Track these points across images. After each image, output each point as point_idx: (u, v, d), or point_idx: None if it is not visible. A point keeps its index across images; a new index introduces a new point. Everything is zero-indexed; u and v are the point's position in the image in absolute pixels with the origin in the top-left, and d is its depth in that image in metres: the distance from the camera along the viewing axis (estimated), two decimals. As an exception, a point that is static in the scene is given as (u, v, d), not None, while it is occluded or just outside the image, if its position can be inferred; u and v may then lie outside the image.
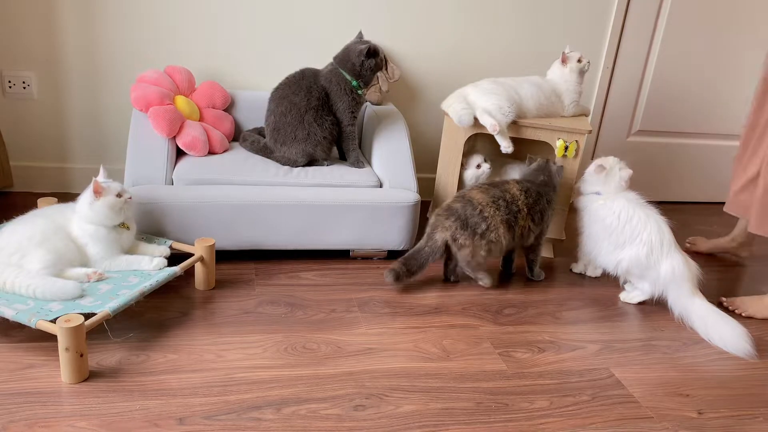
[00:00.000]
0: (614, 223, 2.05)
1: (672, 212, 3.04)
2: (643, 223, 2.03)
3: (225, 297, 1.89)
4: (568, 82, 2.31)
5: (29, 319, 1.46)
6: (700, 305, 1.97)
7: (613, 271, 2.10)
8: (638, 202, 2.09)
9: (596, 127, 2.94)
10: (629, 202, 2.07)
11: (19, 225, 1.72)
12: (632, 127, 2.99)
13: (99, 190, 1.70)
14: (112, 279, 1.72)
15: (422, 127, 2.74)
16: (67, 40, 2.32)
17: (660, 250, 2.00)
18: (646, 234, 2.01)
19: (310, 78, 2.19)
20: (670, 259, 2.00)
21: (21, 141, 2.41)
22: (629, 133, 3.00)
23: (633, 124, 2.98)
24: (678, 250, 2.03)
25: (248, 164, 2.16)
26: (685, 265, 2.00)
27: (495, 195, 2.01)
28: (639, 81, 2.89)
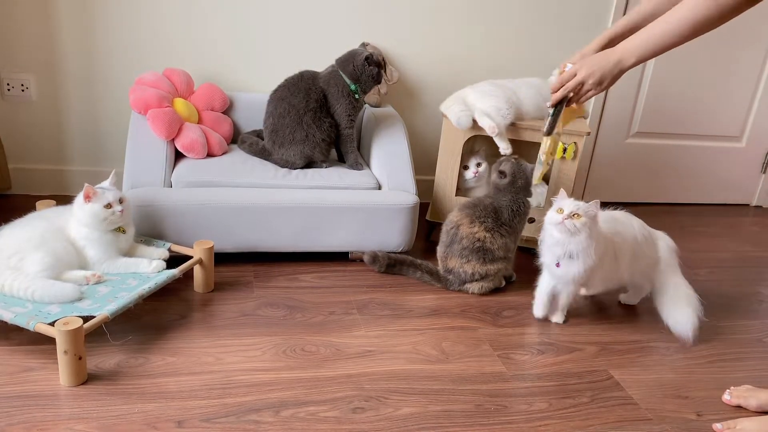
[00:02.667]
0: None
1: (670, 214, 3.07)
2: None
3: (224, 299, 1.89)
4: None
5: (27, 322, 1.45)
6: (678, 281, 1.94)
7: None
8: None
9: (595, 129, 2.94)
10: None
11: (17, 228, 1.72)
12: (631, 128, 2.99)
13: (89, 195, 1.70)
14: (111, 281, 1.72)
15: (421, 129, 2.74)
16: (65, 43, 2.32)
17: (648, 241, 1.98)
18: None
19: (309, 80, 2.19)
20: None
21: (19, 143, 2.41)
22: (628, 134, 3.00)
23: (631, 126, 2.99)
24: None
25: (247, 166, 2.16)
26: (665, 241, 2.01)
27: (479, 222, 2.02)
28: (638, 82, 2.90)
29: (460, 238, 2.00)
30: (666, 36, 1.37)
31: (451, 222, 2.06)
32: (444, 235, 2.08)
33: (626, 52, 1.47)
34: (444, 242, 2.07)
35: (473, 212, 2.03)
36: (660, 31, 1.39)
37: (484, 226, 2.00)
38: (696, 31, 1.34)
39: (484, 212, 2.02)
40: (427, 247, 2.39)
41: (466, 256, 2.01)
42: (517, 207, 2.03)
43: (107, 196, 1.72)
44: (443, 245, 2.07)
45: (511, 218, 2.02)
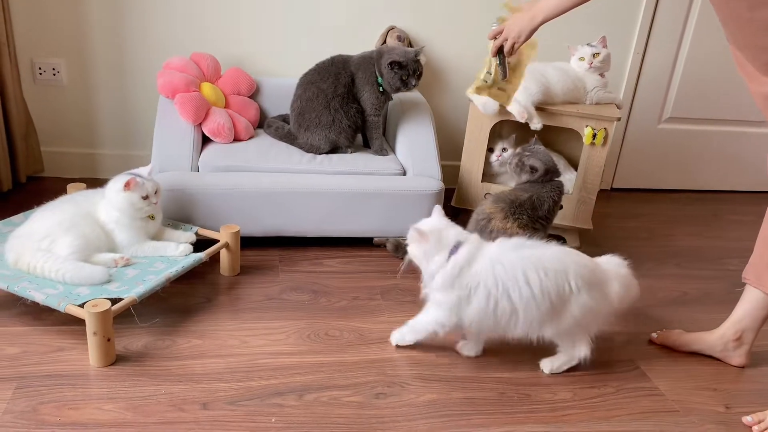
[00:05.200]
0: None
1: (702, 202, 3.00)
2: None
3: (250, 283, 1.91)
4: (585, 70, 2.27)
5: (58, 303, 1.48)
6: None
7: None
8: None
9: (625, 115, 2.88)
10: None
11: (48, 211, 1.76)
12: (663, 114, 2.92)
13: (131, 186, 1.72)
14: (139, 264, 1.74)
15: (448, 114, 2.71)
16: (95, 28, 2.34)
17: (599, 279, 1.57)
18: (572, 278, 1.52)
19: (340, 65, 2.18)
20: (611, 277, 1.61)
21: (51, 127, 2.46)
22: (660, 120, 2.93)
23: (664, 111, 2.92)
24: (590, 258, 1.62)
25: (273, 151, 2.17)
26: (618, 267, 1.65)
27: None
28: (671, 66, 2.82)
29: (490, 230, 1.97)
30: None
31: (483, 213, 2.01)
32: (473, 224, 2.05)
33: (538, 11, 1.74)
34: (471, 231, 2.04)
35: (509, 208, 1.97)
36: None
37: (518, 222, 1.95)
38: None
39: (521, 208, 1.95)
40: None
41: None
42: (558, 196, 2.00)
43: (147, 188, 1.75)
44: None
45: (551, 209, 1.99)
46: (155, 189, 1.79)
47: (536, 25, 1.76)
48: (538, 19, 1.75)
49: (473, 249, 1.52)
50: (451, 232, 1.56)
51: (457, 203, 2.38)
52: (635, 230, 2.60)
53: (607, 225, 2.61)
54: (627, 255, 2.28)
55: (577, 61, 2.31)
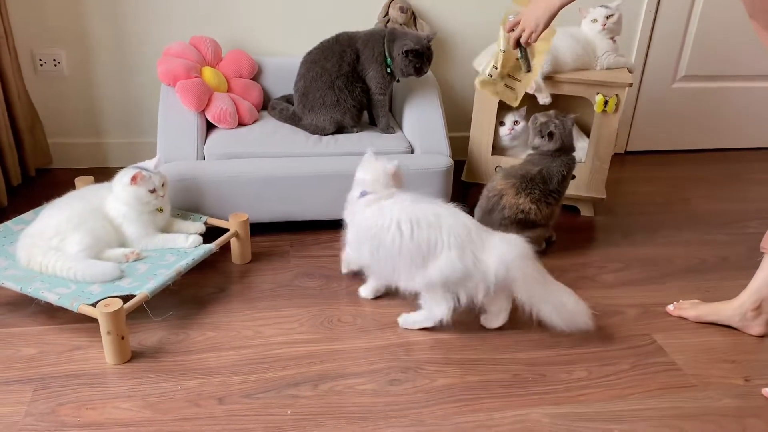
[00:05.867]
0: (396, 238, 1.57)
1: (721, 162, 2.93)
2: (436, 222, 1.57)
3: (261, 270, 1.91)
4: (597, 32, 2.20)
5: (71, 303, 1.49)
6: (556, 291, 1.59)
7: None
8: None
9: (638, 75, 2.80)
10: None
11: (56, 208, 1.76)
12: (677, 72, 2.84)
13: (137, 180, 1.71)
14: (150, 258, 1.74)
15: (455, 84, 2.65)
16: (94, 17, 2.31)
17: (473, 241, 1.56)
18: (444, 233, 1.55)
19: (344, 42, 2.13)
20: (490, 247, 1.56)
21: (56, 118, 2.44)
22: (674, 79, 2.85)
23: (678, 70, 2.83)
24: (489, 231, 1.60)
25: (278, 135, 2.14)
26: (509, 245, 1.57)
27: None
28: (685, 23, 2.72)
29: (502, 207, 1.94)
30: None
31: (494, 189, 1.99)
32: (484, 200, 2.02)
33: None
34: (483, 207, 2.02)
35: (520, 183, 1.94)
36: None
37: (530, 198, 1.93)
38: None
39: (532, 183, 1.93)
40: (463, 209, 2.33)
41: (505, 226, 1.96)
42: (568, 170, 1.96)
43: (153, 181, 1.73)
44: (481, 210, 2.02)
45: (561, 183, 1.95)
46: (162, 182, 1.78)
47: (554, 11, 1.70)
48: (556, 5, 1.69)
49: (375, 197, 1.64)
50: (368, 177, 1.68)
51: (467, 177, 2.35)
52: (651, 195, 2.55)
53: (621, 191, 2.56)
54: (643, 222, 2.30)
55: (590, 23, 2.23)
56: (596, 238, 2.20)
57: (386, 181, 1.68)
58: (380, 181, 1.67)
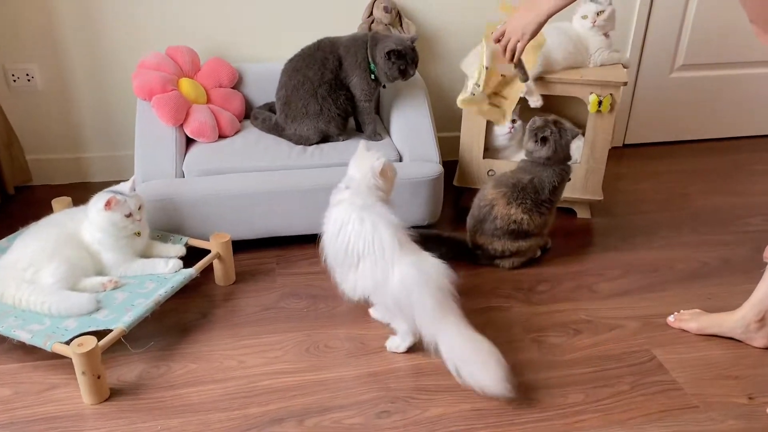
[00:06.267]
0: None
1: (723, 151, 2.84)
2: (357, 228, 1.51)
3: (245, 292, 1.85)
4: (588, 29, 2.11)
5: (45, 342, 1.44)
6: (448, 330, 1.46)
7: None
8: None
9: (635, 66, 2.70)
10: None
11: (30, 237, 1.70)
12: (675, 61, 2.74)
13: (111, 205, 1.64)
14: (128, 286, 1.68)
15: (443, 82, 2.56)
16: (65, 29, 2.22)
17: (385, 258, 1.48)
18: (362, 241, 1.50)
19: (326, 48, 2.05)
20: (398, 267, 1.48)
21: (34, 134, 2.37)
22: (672, 68, 2.75)
23: (676, 59, 2.73)
24: (413, 251, 1.51)
25: (260, 147, 2.07)
26: (418, 270, 1.47)
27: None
28: (682, 10, 2.62)
29: (494, 217, 1.88)
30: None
31: (485, 199, 1.92)
32: (475, 209, 1.96)
33: (541, 5, 1.59)
34: (475, 216, 1.95)
35: (511, 192, 1.87)
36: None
37: (522, 208, 1.85)
38: None
39: (523, 192, 1.86)
40: (456, 213, 2.27)
41: (498, 236, 1.89)
42: (560, 180, 1.88)
43: (129, 205, 1.66)
44: (473, 219, 1.96)
45: (552, 192, 1.88)
46: (138, 205, 1.70)
47: (542, 20, 1.61)
48: (544, 12, 1.59)
49: (344, 197, 1.58)
50: (356, 175, 1.61)
51: (459, 182, 2.27)
52: (650, 192, 2.47)
53: (619, 189, 2.48)
54: (642, 222, 2.23)
55: (580, 19, 2.14)
56: (593, 242, 2.13)
57: (372, 178, 1.59)
58: (366, 179, 1.59)
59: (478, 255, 1.96)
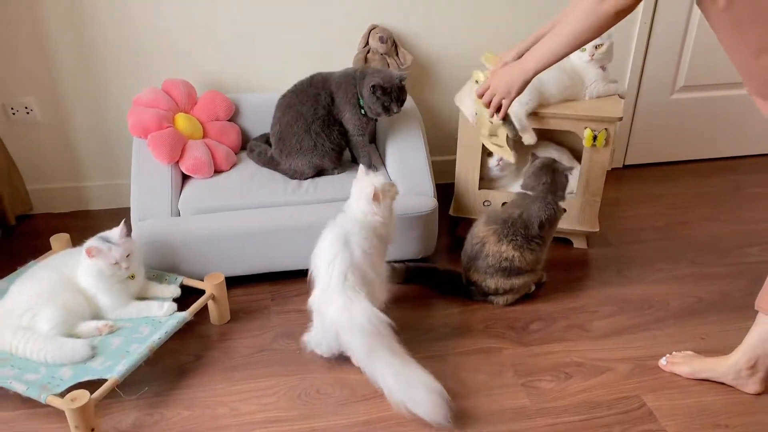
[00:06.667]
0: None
1: (723, 171, 2.82)
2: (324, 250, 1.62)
3: (239, 332, 1.86)
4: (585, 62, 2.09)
5: (39, 395, 1.46)
6: (380, 367, 1.53)
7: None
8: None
9: (635, 88, 2.68)
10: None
11: (27, 282, 1.72)
12: (676, 83, 2.72)
13: (91, 254, 1.66)
14: (123, 330, 1.70)
15: (439, 108, 2.56)
16: (62, 62, 2.23)
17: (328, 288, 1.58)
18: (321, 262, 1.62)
19: (319, 84, 2.06)
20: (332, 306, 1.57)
21: (34, 165, 2.39)
22: (673, 90, 2.73)
23: (677, 80, 2.71)
24: (349, 294, 1.55)
25: (255, 183, 2.08)
26: (345, 314, 1.54)
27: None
28: (683, 33, 2.59)
29: (486, 255, 1.88)
30: (556, 49, 1.51)
31: (476, 237, 1.92)
32: (468, 246, 1.96)
33: (526, 63, 1.59)
34: (467, 253, 1.96)
35: (501, 229, 1.87)
36: (551, 44, 1.51)
37: (512, 245, 1.86)
38: (580, 42, 1.47)
39: (513, 228, 1.86)
40: (453, 242, 2.28)
41: (491, 273, 1.89)
42: (548, 215, 1.88)
43: (113, 255, 1.67)
44: (466, 255, 1.96)
45: (541, 228, 1.88)
46: (126, 253, 1.70)
47: (528, 78, 1.61)
48: (530, 70, 1.58)
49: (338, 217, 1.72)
50: (352, 197, 1.73)
51: (455, 212, 2.28)
52: (649, 218, 2.45)
53: (618, 215, 2.47)
54: (639, 253, 2.22)
55: (578, 52, 2.12)
56: (589, 275, 2.13)
57: (366, 204, 1.68)
58: (360, 203, 1.70)
59: (472, 291, 1.97)
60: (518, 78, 1.61)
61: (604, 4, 1.36)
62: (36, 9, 2.13)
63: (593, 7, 1.38)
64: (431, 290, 2.03)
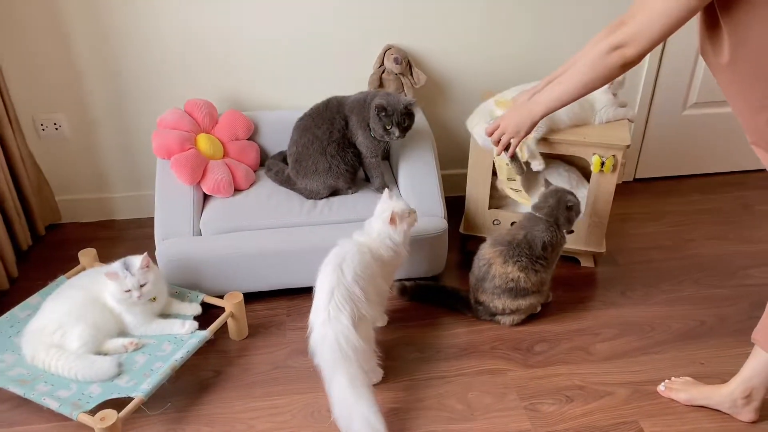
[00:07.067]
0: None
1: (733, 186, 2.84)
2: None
3: (257, 348, 1.96)
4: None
5: (71, 412, 1.57)
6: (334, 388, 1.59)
7: None
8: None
9: (647, 104, 2.72)
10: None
11: (57, 301, 1.83)
12: (688, 100, 2.74)
13: (112, 278, 1.76)
14: (148, 347, 1.81)
15: (453, 123, 2.61)
16: (89, 79, 2.33)
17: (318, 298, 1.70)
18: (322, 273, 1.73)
19: (334, 108, 2.13)
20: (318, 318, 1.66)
21: (62, 177, 2.50)
22: (685, 106, 2.76)
23: (689, 97, 2.74)
24: (332, 311, 1.63)
25: (272, 203, 2.16)
26: (323, 329, 1.62)
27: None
28: (695, 53, 2.62)
29: (492, 276, 1.95)
30: (564, 96, 1.58)
31: (483, 258, 2.00)
32: (475, 267, 2.04)
33: (536, 107, 1.67)
34: (475, 274, 2.03)
35: (507, 250, 1.95)
36: (560, 91, 1.59)
37: (518, 266, 1.93)
38: (588, 90, 1.53)
39: (518, 249, 1.94)
40: (463, 258, 2.35)
41: (498, 294, 1.97)
42: (550, 239, 1.94)
43: (127, 283, 1.77)
44: (474, 277, 2.04)
45: (544, 250, 1.95)
46: (141, 283, 1.78)
47: (536, 119, 1.69)
48: (538, 113, 1.67)
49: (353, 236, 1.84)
50: (374, 218, 1.87)
51: (465, 230, 2.35)
52: (655, 237, 2.50)
53: (625, 232, 2.52)
54: (644, 273, 2.28)
55: None
56: (594, 296, 2.19)
57: (383, 223, 1.81)
58: (379, 222, 1.83)
59: (480, 310, 2.04)
60: (527, 119, 1.69)
61: (611, 57, 1.41)
62: (64, 26, 2.22)
63: (600, 59, 1.43)
64: (440, 308, 2.11)
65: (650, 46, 1.38)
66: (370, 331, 1.74)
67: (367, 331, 1.71)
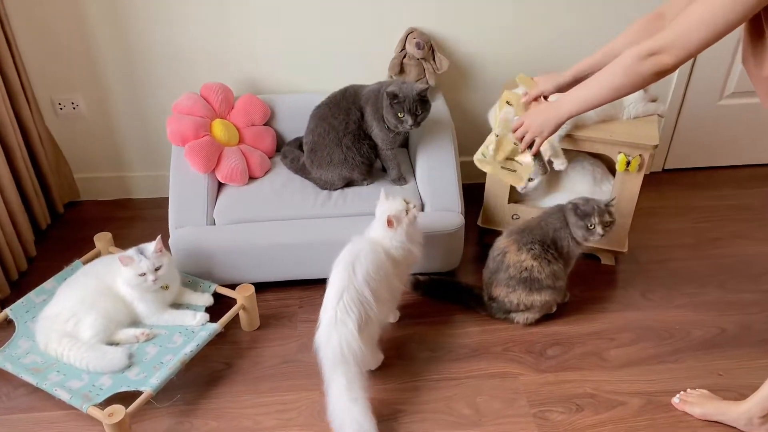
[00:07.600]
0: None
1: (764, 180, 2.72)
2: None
3: (268, 340, 1.96)
4: None
5: (81, 404, 1.60)
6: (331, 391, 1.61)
7: None
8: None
9: (681, 94, 2.60)
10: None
11: (71, 289, 1.84)
12: (725, 90, 2.62)
13: (123, 263, 1.76)
14: (159, 338, 1.82)
15: (477, 111, 2.53)
16: (106, 59, 2.29)
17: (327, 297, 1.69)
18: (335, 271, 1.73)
19: (351, 98, 2.08)
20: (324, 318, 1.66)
21: (80, 155, 2.50)
22: (721, 96, 2.63)
23: (726, 87, 2.61)
24: (338, 315, 1.62)
25: (286, 193, 2.13)
26: (326, 332, 1.63)
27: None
28: (735, 43, 2.48)
29: (507, 266, 1.91)
30: (593, 98, 1.50)
31: (498, 249, 1.96)
32: (490, 260, 2.00)
33: (562, 107, 1.58)
34: (490, 268, 1.99)
35: (520, 238, 1.92)
36: (589, 92, 1.50)
37: (531, 254, 1.89)
38: (618, 95, 1.45)
39: (531, 237, 1.91)
40: (479, 252, 2.31)
41: (512, 286, 1.92)
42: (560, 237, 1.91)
43: (141, 266, 1.77)
44: (489, 271, 2.00)
45: (554, 242, 1.91)
46: (156, 266, 1.79)
47: (561, 121, 1.60)
48: (564, 114, 1.57)
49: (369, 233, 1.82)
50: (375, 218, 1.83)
51: (483, 223, 2.30)
52: (680, 235, 2.42)
53: (650, 228, 2.44)
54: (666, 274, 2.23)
55: None
56: (612, 296, 2.14)
57: (383, 227, 1.77)
58: (380, 227, 1.79)
59: (494, 308, 2.01)
60: (552, 120, 1.61)
61: (646, 63, 1.34)
62: (81, 6, 2.18)
63: (634, 66, 1.36)
64: (453, 305, 2.08)
65: (687, 56, 1.31)
66: (376, 331, 1.73)
67: (372, 332, 1.70)
